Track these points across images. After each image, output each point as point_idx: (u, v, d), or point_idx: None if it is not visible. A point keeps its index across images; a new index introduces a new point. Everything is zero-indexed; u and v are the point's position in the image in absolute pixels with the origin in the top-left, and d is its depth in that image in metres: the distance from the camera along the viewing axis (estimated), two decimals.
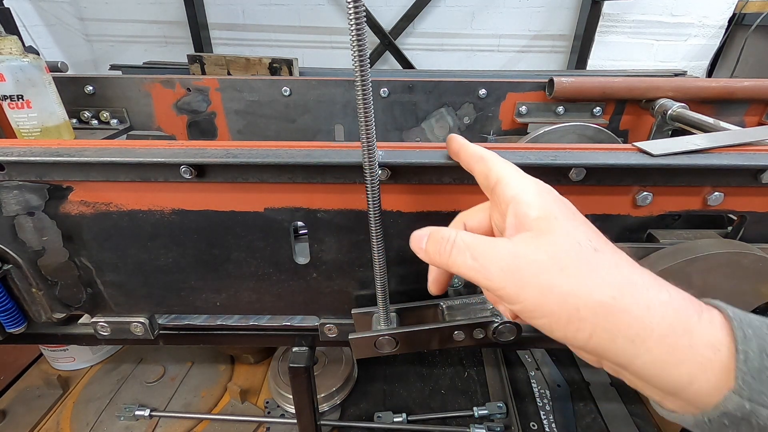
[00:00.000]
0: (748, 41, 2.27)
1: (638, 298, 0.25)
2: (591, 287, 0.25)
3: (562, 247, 0.27)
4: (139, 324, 0.57)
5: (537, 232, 0.28)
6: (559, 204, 0.30)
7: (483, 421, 1.05)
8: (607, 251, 0.27)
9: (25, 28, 2.52)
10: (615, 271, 0.26)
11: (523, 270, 0.27)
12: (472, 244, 0.30)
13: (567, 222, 0.28)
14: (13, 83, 0.75)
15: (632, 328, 0.24)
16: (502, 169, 0.34)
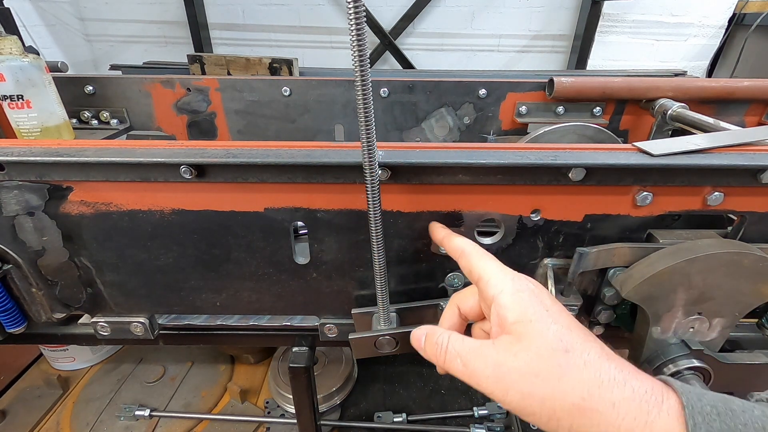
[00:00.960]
0: (748, 41, 2.27)
1: (605, 397, 0.28)
2: (564, 390, 0.29)
3: (537, 353, 0.31)
4: (139, 324, 0.57)
5: (515, 337, 0.32)
6: (533, 303, 0.33)
7: (483, 421, 1.05)
8: (577, 350, 0.31)
9: (25, 28, 2.52)
10: (584, 372, 0.30)
11: (506, 378, 0.31)
12: (462, 352, 0.35)
13: (540, 324, 0.32)
14: (13, 83, 0.75)
15: (601, 426, 0.28)
16: (482, 268, 0.37)
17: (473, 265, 0.39)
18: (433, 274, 0.55)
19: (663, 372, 0.51)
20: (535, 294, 0.34)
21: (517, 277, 0.36)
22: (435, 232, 0.46)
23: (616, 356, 0.31)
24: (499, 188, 0.48)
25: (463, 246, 0.41)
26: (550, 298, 0.35)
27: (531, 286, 0.35)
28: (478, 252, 0.40)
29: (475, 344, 0.35)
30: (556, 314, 0.33)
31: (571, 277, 0.50)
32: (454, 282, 0.55)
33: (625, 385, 0.29)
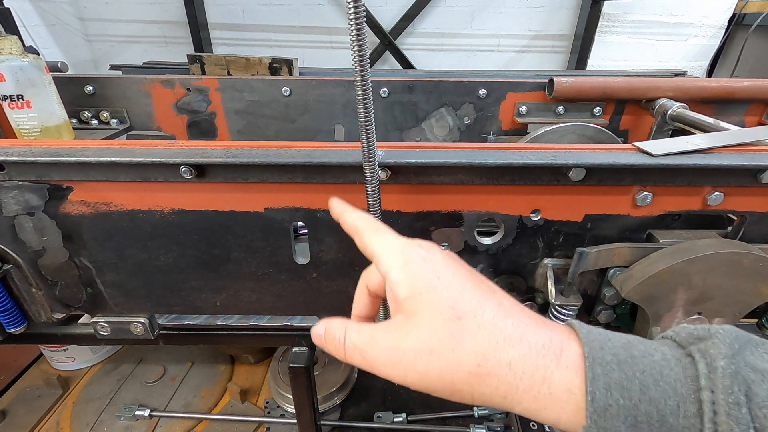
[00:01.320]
0: (748, 41, 2.27)
1: (500, 359, 0.28)
2: (459, 361, 0.28)
3: (429, 327, 0.29)
4: (139, 324, 0.57)
5: (407, 314, 0.31)
6: (423, 273, 0.31)
7: (483, 421, 1.05)
8: (470, 313, 0.29)
9: (25, 28, 2.52)
10: (478, 336, 0.28)
11: (402, 360, 0.30)
12: (359, 343, 0.33)
13: (430, 294, 0.30)
14: (13, 83, 0.75)
15: (500, 389, 0.28)
16: (374, 244, 0.35)
17: (366, 243, 0.36)
18: None
19: None
20: (426, 261, 0.32)
21: (407, 247, 0.33)
22: (333, 207, 0.42)
23: (517, 310, 0.30)
24: (499, 188, 0.48)
25: (355, 223, 0.38)
26: (443, 262, 0.32)
27: (422, 252, 0.32)
28: (370, 228, 0.37)
29: (370, 332, 0.33)
30: (448, 279, 0.31)
31: (571, 277, 0.50)
32: None
33: (521, 341, 0.28)
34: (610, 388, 0.26)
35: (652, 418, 0.25)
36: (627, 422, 0.25)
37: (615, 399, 0.25)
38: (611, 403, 0.25)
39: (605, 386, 0.26)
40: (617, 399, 0.25)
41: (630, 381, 0.26)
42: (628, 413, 0.25)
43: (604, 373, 0.26)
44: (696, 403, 0.25)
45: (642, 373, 0.26)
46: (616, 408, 0.25)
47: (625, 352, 0.27)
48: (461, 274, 0.32)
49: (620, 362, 0.26)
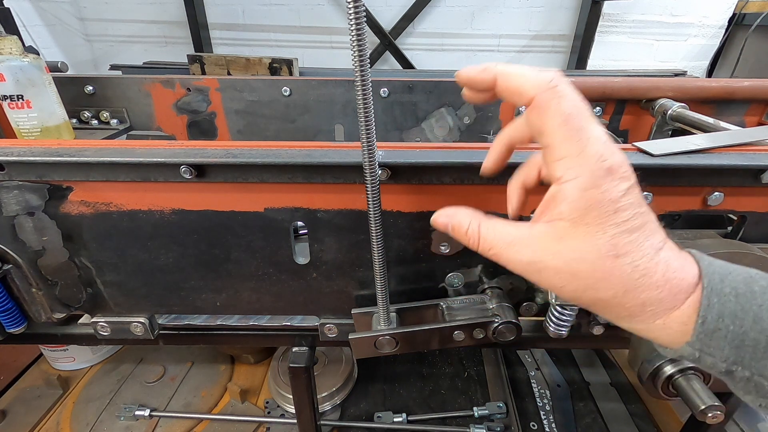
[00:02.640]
0: (748, 41, 2.27)
1: (637, 297, 0.29)
2: (599, 291, 0.30)
3: (582, 256, 0.30)
4: (139, 324, 0.57)
5: (560, 235, 0.30)
6: (601, 203, 0.29)
7: (483, 421, 1.05)
8: (627, 256, 0.29)
9: (25, 28, 2.52)
10: (626, 276, 0.29)
11: (541, 273, 0.32)
12: (496, 243, 0.33)
13: (597, 228, 0.29)
14: (13, 83, 0.75)
15: (621, 314, 0.31)
16: (556, 137, 0.30)
17: (544, 131, 0.30)
18: (433, 274, 0.55)
19: (663, 372, 0.51)
20: (609, 188, 0.29)
21: (598, 165, 0.29)
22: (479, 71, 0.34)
23: (666, 252, 0.30)
24: (500, 188, 0.47)
25: (536, 91, 0.30)
26: (627, 191, 0.29)
27: (610, 185, 0.29)
28: (559, 106, 0.29)
29: (509, 236, 0.32)
30: (623, 215, 0.29)
31: None
32: (454, 282, 0.55)
33: (663, 287, 0.29)
34: (723, 316, 0.28)
35: (759, 343, 0.27)
36: (732, 344, 0.28)
37: (725, 324, 0.28)
38: (720, 327, 0.28)
39: (718, 314, 0.28)
40: (728, 325, 0.28)
41: (745, 312, 0.27)
42: (735, 337, 0.27)
43: (720, 303, 0.28)
44: None
45: (759, 307, 0.27)
46: (724, 332, 0.28)
47: (746, 287, 0.28)
48: (635, 203, 0.29)
49: (738, 295, 0.28)
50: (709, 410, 0.47)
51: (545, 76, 0.30)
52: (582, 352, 1.28)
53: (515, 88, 0.31)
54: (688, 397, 0.49)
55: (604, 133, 0.30)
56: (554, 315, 0.52)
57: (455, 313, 0.54)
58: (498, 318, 0.50)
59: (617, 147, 0.30)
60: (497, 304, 0.53)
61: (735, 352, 0.28)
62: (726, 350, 0.28)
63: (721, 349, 0.28)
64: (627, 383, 1.18)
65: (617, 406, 1.11)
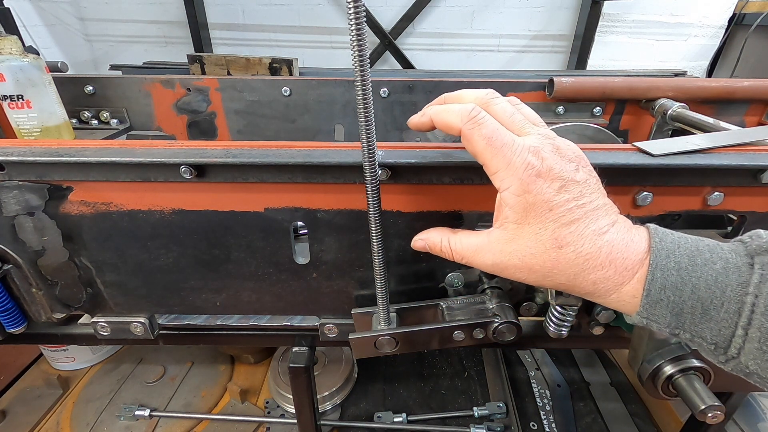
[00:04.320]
0: (748, 41, 2.27)
1: (587, 279, 0.34)
2: (553, 278, 0.35)
3: (530, 251, 0.35)
4: (139, 324, 0.57)
5: (510, 235, 0.36)
6: (536, 203, 0.34)
7: (483, 421, 1.05)
8: (569, 245, 0.33)
9: (25, 28, 2.52)
10: (573, 263, 0.34)
11: (504, 271, 0.37)
12: (466, 253, 0.40)
13: (538, 225, 0.34)
14: (13, 83, 0.75)
15: (577, 293, 0.36)
16: (485, 157, 0.35)
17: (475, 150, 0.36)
18: (433, 274, 0.55)
19: (663, 372, 0.51)
20: (542, 189, 0.33)
21: (527, 170, 0.33)
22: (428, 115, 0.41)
23: (613, 230, 0.34)
24: None
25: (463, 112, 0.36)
26: (560, 189, 0.33)
27: (541, 178, 0.33)
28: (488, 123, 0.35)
29: (473, 244, 0.39)
30: (559, 210, 0.33)
31: None
32: (454, 282, 0.55)
33: (609, 266, 0.33)
34: (665, 288, 0.32)
35: (695, 310, 0.31)
36: (673, 312, 0.32)
37: (667, 296, 0.32)
38: (662, 298, 0.32)
39: (661, 286, 0.32)
40: (669, 296, 0.32)
41: (684, 284, 0.31)
42: (674, 306, 0.32)
43: (663, 276, 0.32)
44: (738, 303, 0.30)
45: (698, 278, 0.31)
46: (666, 302, 0.32)
47: (689, 260, 0.32)
48: (573, 197, 0.33)
49: (680, 269, 0.32)
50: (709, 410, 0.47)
51: (465, 109, 0.35)
52: (582, 352, 1.28)
53: (446, 126, 0.37)
54: (688, 397, 0.49)
55: (535, 140, 0.34)
56: (554, 315, 0.52)
57: (455, 313, 0.54)
58: (498, 318, 0.50)
59: (555, 148, 0.34)
60: (497, 304, 0.53)
61: (676, 319, 0.32)
62: (668, 317, 0.32)
63: (664, 316, 0.32)
64: (627, 383, 1.18)
65: (617, 406, 1.11)
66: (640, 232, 0.34)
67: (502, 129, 0.35)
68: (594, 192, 0.34)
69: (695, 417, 0.48)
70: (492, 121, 0.35)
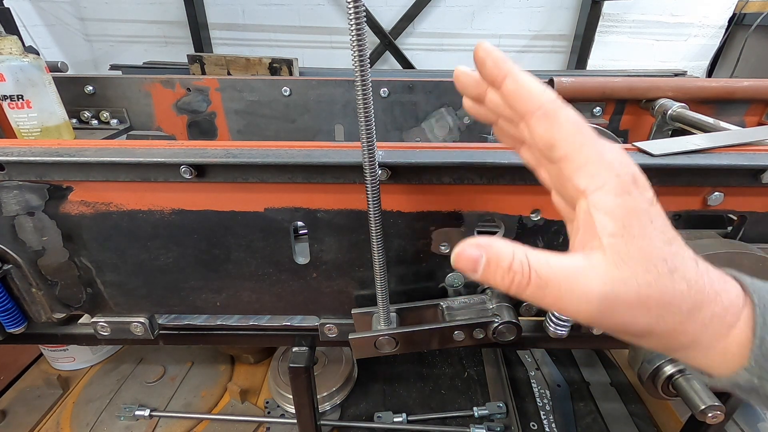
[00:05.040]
0: (748, 41, 2.27)
1: (699, 318, 0.27)
2: (665, 318, 0.27)
3: (644, 279, 0.26)
4: (139, 324, 0.57)
5: (615, 258, 0.26)
6: (637, 209, 0.26)
7: (483, 421, 1.05)
8: (679, 270, 0.26)
9: (25, 28, 2.52)
10: (687, 295, 0.26)
11: (612, 313, 0.27)
12: (552, 280, 0.26)
13: (644, 241, 0.26)
14: (13, 83, 0.75)
15: (685, 342, 0.28)
16: (572, 145, 0.27)
17: (556, 140, 0.27)
18: (433, 274, 0.55)
19: (663, 372, 0.51)
20: (641, 194, 0.26)
21: (624, 167, 0.26)
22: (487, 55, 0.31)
23: (705, 263, 0.28)
24: (500, 188, 0.48)
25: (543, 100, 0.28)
26: (653, 200, 0.27)
27: (638, 193, 0.26)
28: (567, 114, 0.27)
29: (565, 269, 0.27)
30: (659, 223, 0.26)
31: None
32: (455, 282, 0.55)
33: (717, 299, 0.27)
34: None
35: None
36: None
37: None
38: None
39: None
40: None
41: None
42: None
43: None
44: None
45: None
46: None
47: None
48: (659, 213, 0.27)
49: None
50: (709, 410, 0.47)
51: (549, 92, 0.28)
52: (582, 352, 1.28)
53: (525, 92, 0.28)
54: (688, 397, 0.49)
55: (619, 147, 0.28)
56: (554, 315, 0.52)
57: (455, 313, 0.54)
58: (498, 318, 0.50)
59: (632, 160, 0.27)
60: (497, 304, 0.53)
61: None
62: None
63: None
64: (627, 383, 1.18)
65: (617, 406, 1.11)
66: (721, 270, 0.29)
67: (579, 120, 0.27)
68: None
69: (695, 417, 0.49)
70: (566, 110, 0.28)
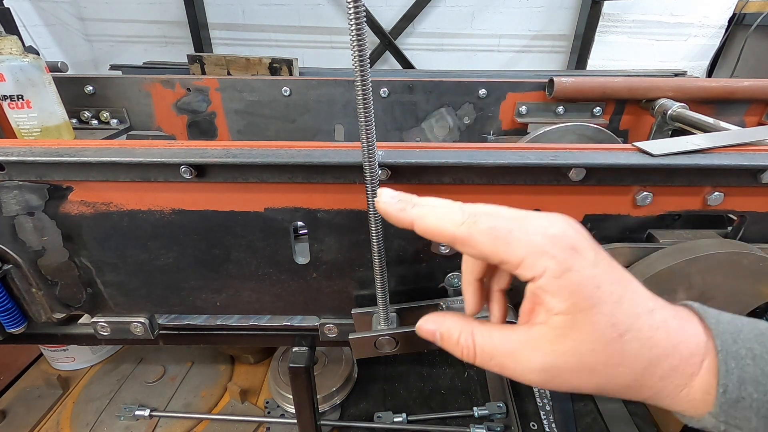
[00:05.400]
0: (748, 41, 2.27)
1: (655, 373, 0.27)
2: (618, 378, 0.28)
3: (590, 348, 0.27)
4: (139, 324, 0.57)
5: (560, 331, 0.27)
6: (582, 283, 0.27)
7: (483, 421, 1.05)
8: (631, 331, 0.27)
9: (25, 28, 2.52)
10: (639, 355, 0.27)
11: (556, 378, 0.28)
12: (496, 354, 0.30)
13: (591, 312, 0.27)
14: (13, 83, 0.75)
15: (645, 395, 0.28)
16: (499, 253, 0.28)
17: (482, 252, 0.29)
18: (433, 274, 0.55)
19: None
20: (582, 265, 0.27)
21: (558, 248, 0.27)
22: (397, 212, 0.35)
23: (662, 312, 0.28)
24: (500, 188, 0.48)
25: (445, 227, 0.31)
26: (595, 257, 0.27)
27: (580, 262, 0.27)
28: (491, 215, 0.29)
29: (507, 342, 0.29)
30: (607, 287, 0.27)
31: None
32: (454, 282, 0.55)
33: (674, 353, 0.27)
34: (744, 382, 0.26)
35: None
36: (759, 414, 0.26)
37: (749, 393, 0.26)
38: (744, 396, 0.26)
39: (739, 380, 0.26)
40: (751, 393, 0.26)
41: (766, 376, 0.26)
42: (761, 405, 0.26)
43: (738, 367, 0.26)
44: None
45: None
46: (749, 401, 0.26)
47: (760, 346, 0.27)
48: (609, 270, 0.28)
49: (755, 357, 0.26)
50: None
51: (456, 216, 0.30)
52: None
53: (433, 233, 0.31)
54: None
55: (540, 216, 0.29)
56: None
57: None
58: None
59: (561, 219, 0.28)
60: None
61: (764, 422, 0.25)
62: (753, 421, 0.26)
63: (748, 420, 0.26)
64: None
65: (617, 406, 1.11)
66: (683, 309, 0.29)
67: (496, 209, 0.29)
68: (616, 263, 0.28)
69: None
70: (485, 207, 0.30)
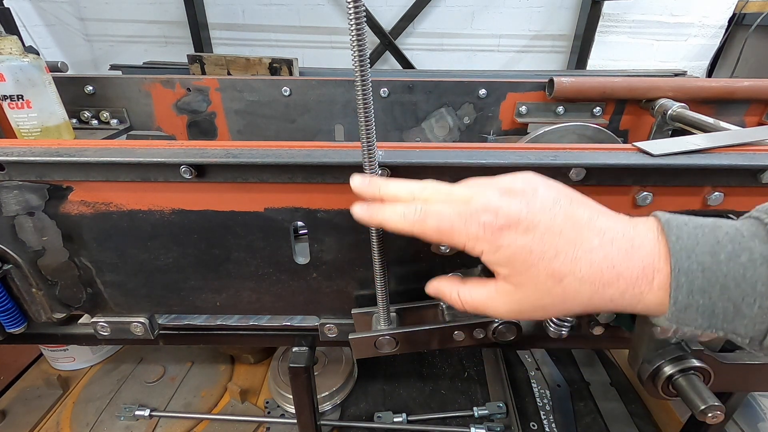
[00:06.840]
0: (748, 41, 2.27)
1: (603, 297, 0.33)
2: (570, 307, 0.34)
3: (538, 296, 0.34)
4: (139, 324, 0.57)
5: (513, 286, 0.35)
6: (515, 252, 0.33)
7: (483, 421, 1.05)
8: (568, 275, 0.33)
9: (25, 28, 2.52)
10: (581, 290, 0.33)
11: (522, 314, 0.37)
12: (478, 304, 0.39)
13: (529, 272, 0.33)
14: (13, 83, 0.75)
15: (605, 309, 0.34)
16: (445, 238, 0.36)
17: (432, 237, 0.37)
18: (433, 274, 0.55)
19: (663, 372, 0.51)
20: (515, 240, 0.33)
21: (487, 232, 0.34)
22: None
23: (609, 240, 0.32)
24: None
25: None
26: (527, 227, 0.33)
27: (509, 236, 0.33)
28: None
29: (483, 294, 0.38)
30: (541, 245, 0.33)
31: None
32: None
33: (618, 280, 0.32)
34: (692, 293, 0.30)
35: (728, 311, 0.30)
36: (704, 315, 0.30)
37: (695, 300, 0.30)
38: (691, 303, 0.30)
39: (687, 292, 0.30)
40: (698, 300, 0.30)
41: (711, 285, 0.30)
42: (705, 309, 0.30)
43: (688, 281, 0.30)
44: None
45: (725, 276, 0.29)
46: (695, 306, 0.30)
47: (712, 258, 0.30)
48: (546, 229, 0.33)
49: (705, 269, 0.30)
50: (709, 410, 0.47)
51: (409, 216, 0.36)
52: (582, 352, 1.28)
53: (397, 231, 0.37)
54: (688, 397, 0.49)
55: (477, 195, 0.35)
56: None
57: (455, 313, 0.54)
58: (498, 318, 0.50)
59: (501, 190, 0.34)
60: None
61: (708, 320, 0.31)
62: (699, 320, 0.31)
63: (694, 320, 0.31)
64: (627, 383, 1.18)
65: (617, 406, 1.11)
66: (645, 229, 0.33)
67: (441, 207, 0.35)
68: (564, 211, 0.33)
69: (695, 417, 0.48)
70: (431, 209, 0.35)
